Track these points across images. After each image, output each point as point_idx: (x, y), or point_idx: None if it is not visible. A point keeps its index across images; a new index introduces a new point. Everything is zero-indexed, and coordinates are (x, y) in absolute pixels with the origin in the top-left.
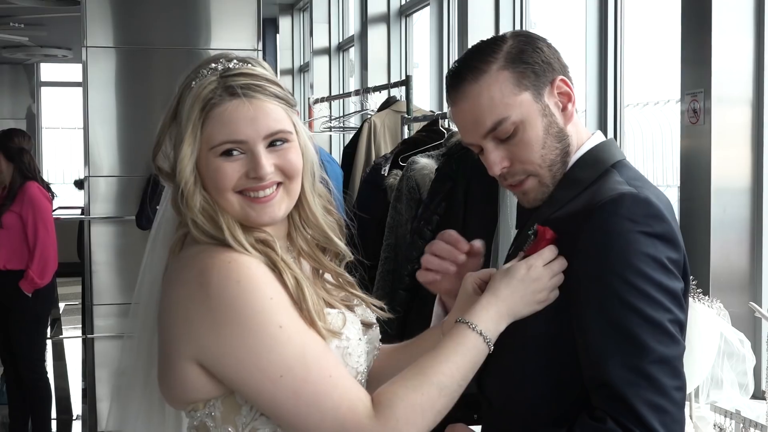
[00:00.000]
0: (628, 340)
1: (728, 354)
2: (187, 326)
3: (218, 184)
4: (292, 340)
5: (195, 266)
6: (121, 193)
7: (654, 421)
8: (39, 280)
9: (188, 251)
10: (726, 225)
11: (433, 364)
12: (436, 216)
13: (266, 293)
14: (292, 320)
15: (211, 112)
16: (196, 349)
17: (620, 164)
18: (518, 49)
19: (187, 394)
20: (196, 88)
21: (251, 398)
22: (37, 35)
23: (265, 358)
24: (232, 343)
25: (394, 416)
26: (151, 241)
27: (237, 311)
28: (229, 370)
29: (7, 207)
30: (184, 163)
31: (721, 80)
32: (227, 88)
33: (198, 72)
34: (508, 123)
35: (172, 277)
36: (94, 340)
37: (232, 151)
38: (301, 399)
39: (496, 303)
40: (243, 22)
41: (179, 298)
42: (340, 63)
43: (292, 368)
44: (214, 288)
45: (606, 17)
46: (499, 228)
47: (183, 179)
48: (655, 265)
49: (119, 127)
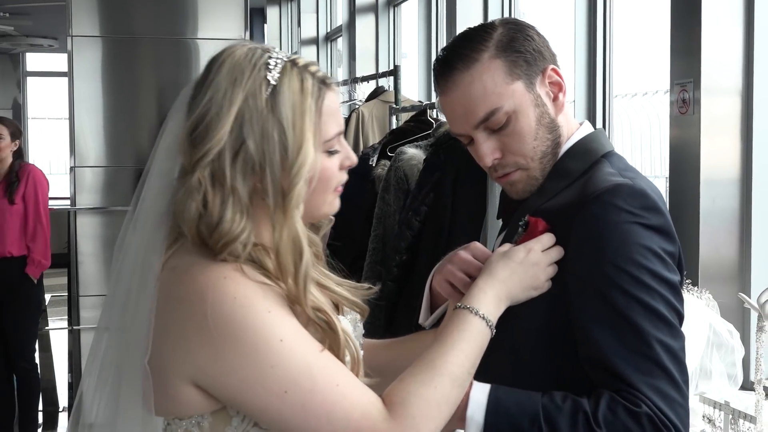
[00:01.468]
0: (631, 330)
1: (717, 345)
2: (183, 345)
3: (329, 183)
4: (294, 352)
5: (189, 282)
6: (108, 184)
7: (669, 411)
8: (46, 263)
9: (179, 261)
10: (715, 216)
11: (441, 354)
12: (425, 207)
13: (263, 307)
14: (292, 332)
15: (324, 106)
16: (194, 370)
17: (610, 155)
18: (509, 37)
19: (179, 410)
20: (294, 81)
21: (256, 416)
22: (23, 24)
23: (269, 375)
24: (232, 362)
25: (410, 414)
26: (130, 229)
27: (236, 329)
28: (231, 390)
29: (16, 186)
30: (308, 163)
31: (710, 70)
32: (321, 79)
33: (255, 66)
34: (500, 113)
35: (167, 293)
36: (80, 331)
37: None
38: (310, 412)
39: (494, 285)
40: (230, 12)
41: (174, 317)
42: (328, 53)
43: (298, 381)
44: (210, 306)
45: (595, 7)
46: (488, 219)
47: (298, 186)
48: (653, 256)
49: (105, 118)
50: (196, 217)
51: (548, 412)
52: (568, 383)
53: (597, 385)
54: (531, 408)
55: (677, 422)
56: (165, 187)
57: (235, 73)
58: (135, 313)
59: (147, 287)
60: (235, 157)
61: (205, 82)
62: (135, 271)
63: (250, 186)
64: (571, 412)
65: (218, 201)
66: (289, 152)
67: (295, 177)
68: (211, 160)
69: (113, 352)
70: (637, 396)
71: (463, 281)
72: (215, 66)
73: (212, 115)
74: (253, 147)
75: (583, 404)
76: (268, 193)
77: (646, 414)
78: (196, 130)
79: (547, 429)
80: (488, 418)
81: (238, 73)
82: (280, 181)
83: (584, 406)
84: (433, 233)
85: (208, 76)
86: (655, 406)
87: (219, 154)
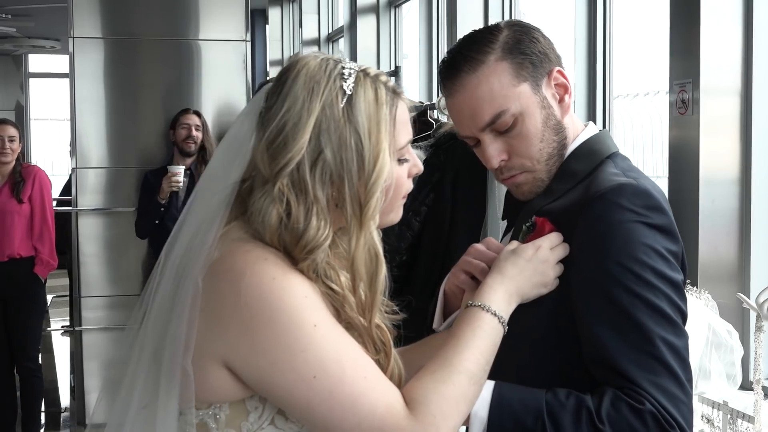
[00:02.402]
0: (635, 328)
1: (716, 345)
2: (217, 323)
3: (400, 191)
4: (326, 339)
5: (229, 261)
6: (109, 185)
7: (672, 408)
8: (54, 263)
9: (223, 244)
10: (714, 216)
11: (457, 352)
12: (425, 207)
13: (301, 292)
14: (326, 320)
15: (397, 115)
16: (225, 349)
17: (615, 155)
18: (515, 39)
19: (204, 395)
20: (369, 91)
21: (283, 402)
22: (25, 26)
23: (299, 358)
24: (265, 342)
25: (430, 412)
26: (185, 211)
27: (271, 309)
28: (260, 372)
29: (22, 186)
30: (384, 172)
31: (709, 71)
32: (392, 89)
33: (330, 77)
34: (507, 115)
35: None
36: (82, 332)
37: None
38: (336, 400)
39: (504, 282)
40: (232, 13)
41: (211, 295)
42: (329, 54)
43: (327, 369)
44: (247, 284)
45: (595, 8)
46: (488, 219)
47: (375, 195)
48: (656, 255)
49: (107, 119)
50: (278, 224)
51: (552, 408)
52: (571, 381)
53: (601, 382)
54: (534, 404)
55: (681, 420)
56: (220, 186)
57: (311, 83)
58: (177, 291)
59: (197, 266)
60: (314, 167)
61: (280, 93)
62: (186, 255)
63: (328, 195)
64: (574, 409)
65: (302, 209)
66: (366, 161)
67: (373, 186)
68: (291, 170)
69: (151, 336)
70: (641, 393)
71: (479, 267)
72: (290, 76)
73: (291, 126)
74: (331, 156)
75: (587, 401)
76: (346, 202)
77: (649, 411)
78: (276, 141)
79: (551, 425)
80: (492, 415)
81: (314, 83)
82: (357, 190)
83: (588, 402)
84: (432, 233)
85: (282, 87)
86: (659, 403)
87: (299, 164)
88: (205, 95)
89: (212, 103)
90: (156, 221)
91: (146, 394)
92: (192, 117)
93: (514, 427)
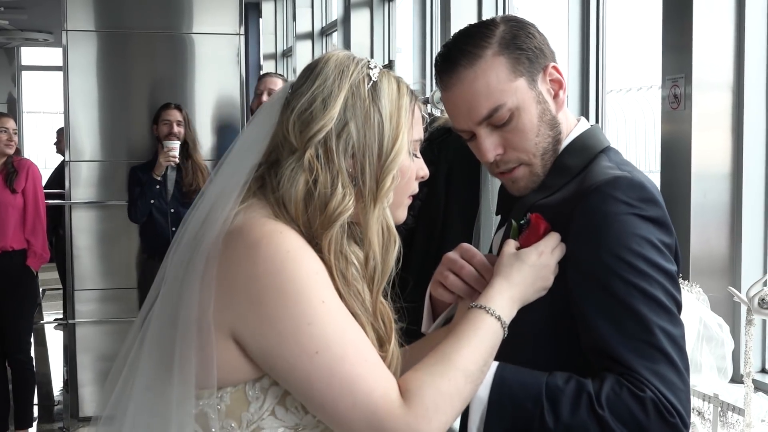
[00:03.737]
0: (632, 317)
1: (707, 338)
2: (228, 293)
3: (408, 185)
4: (332, 317)
5: (246, 233)
6: (103, 178)
7: (672, 396)
8: (46, 255)
9: (239, 217)
10: (706, 210)
11: (456, 349)
12: (418, 201)
13: (313, 268)
14: (334, 299)
15: (415, 108)
16: (234, 318)
17: (608, 150)
18: (512, 35)
19: (211, 374)
20: (393, 81)
21: (284, 376)
22: (18, 18)
23: (304, 331)
24: (274, 311)
25: (423, 404)
26: (207, 181)
27: (282, 280)
28: (266, 341)
29: (15, 177)
30: (402, 153)
31: (701, 65)
32: (411, 90)
33: (358, 64)
34: (503, 110)
35: (223, 244)
36: (75, 325)
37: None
38: (335, 378)
39: (510, 288)
40: (225, 6)
41: (226, 265)
42: (323, 47)
43: (330, 346)
44: (263, 255)
45: (588, 2)
46: (481, 213)
47: (392, 173)
48: (650, 246)
49: (100, 112)
50: (304, 191)
51: (551, 392)
52: (571, 372)
53: (602, 370)
54: (535, 387)
55: (680, 408)
56: (242, 163)
57: (341, 67)
58: (191, 266)
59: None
60: (339, 138)
61: (309, 76)
62: (203, 225)
63: (348, 167)
64: (574, 393)
65: (329, 177)
66: (386, 140)
67: (391, 164)
68: (320, 140)
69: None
70: (641, 381)
71: (457, 285)
72: (320, 63)
73: (322, 99)
74: (355, 131)
75: (587, 385)
76: (365, 175)
77: (650, 399)
78: (307, 111)
79: (549, 408)
80: (492, 396)
81: (344, 66)
82: (375, 166)
83: (588, 387)
84: (426, 227)
85: (312, 72)
86: (659, 391)
87: (327, 134)
88: (199, 89)
89: (206, 97)
90: (152, 201)
91: (161, 368)
92: (173, 112)
93: (513, 410)
